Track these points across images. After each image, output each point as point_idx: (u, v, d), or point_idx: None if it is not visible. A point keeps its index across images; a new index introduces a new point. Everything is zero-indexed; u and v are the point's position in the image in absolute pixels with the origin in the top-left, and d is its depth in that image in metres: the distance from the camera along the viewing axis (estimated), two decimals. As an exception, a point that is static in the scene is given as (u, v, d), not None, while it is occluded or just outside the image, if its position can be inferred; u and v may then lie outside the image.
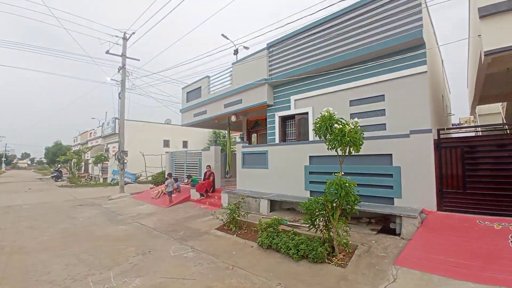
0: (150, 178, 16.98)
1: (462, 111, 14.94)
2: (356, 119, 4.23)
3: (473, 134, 10.99)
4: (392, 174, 5.30)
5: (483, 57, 5.04)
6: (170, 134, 24.97)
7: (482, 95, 10.51)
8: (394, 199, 5.30)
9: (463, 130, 9.64)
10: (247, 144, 9.16)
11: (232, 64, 10.40)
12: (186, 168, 12.33)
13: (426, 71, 5.72)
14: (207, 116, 11.65)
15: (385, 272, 3.56)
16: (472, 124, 13.00)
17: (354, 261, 3.95)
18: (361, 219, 5.70)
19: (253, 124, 12.30)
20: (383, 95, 6.25)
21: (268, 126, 8.97)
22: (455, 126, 10.67)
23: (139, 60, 14.09)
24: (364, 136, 4.27)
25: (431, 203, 4.92)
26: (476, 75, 7.06)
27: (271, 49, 8.82)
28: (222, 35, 14.26)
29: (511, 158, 4.37)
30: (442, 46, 10.96)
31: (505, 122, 12.01)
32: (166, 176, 11.40)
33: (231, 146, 13.28)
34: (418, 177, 5.01)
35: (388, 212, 4.92)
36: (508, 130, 7.30)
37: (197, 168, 11.56)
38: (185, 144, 25.95)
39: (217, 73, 11.24)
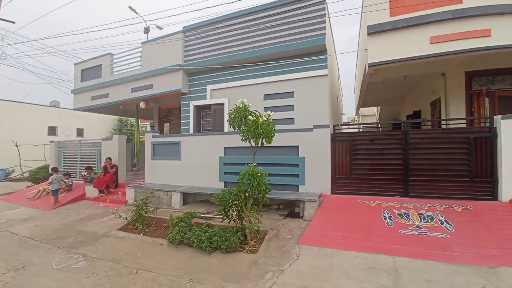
0: (27, 174, 13.44)
1: (350, 112, 18.23)
2: (269, 112, 4.42)
3: (356, 130, 13.52)
4: (298, 164, 5.88)
5: (367, 68, 6.15)
6: (58, 119, 20.29)
7: (364, 100, 12.95)
8: (299, 186, 5.91)
9: (350, 127, 11.69)
10: (159, 134, 8.40)
11: (142, 43, 9.23)
12: (80, 161, 10.32)
13: (326, 75, 6.56)
14: (110, 101, 10.02)
15: (290, 252, 3.91)
16: (356, 123, 16.03)
17: (264, 246, 4.18)
18: (271, 206, 6.11)
19: (166, 113, 11.40)
20: (293, 92, 6.83)
21: (182, 115, 8.46)
22: (345, 123, 12.87)
23: (14, 23, 10.68)
24: (275, 128, 4.51)
25: (327, 188, 5.73)
26: (361, 83, 8.61)
27: (187, 34, 8.26)
28: (130, 7, 12.47)
29: (380, 150, 5.52)
30: (338, 56, 12.91)
31: (378, 121, 15.27)
32: (50, 172, 9.23)
33: (140, 136, 11.94)
34: (318, 166, 5.73)
35: (293, 198, 5.45)
36: (380, 128, 9.24)
37: (95, 161, 9.84)
38: (80, 132, 21.69)
39: (122, 51, 9.76)
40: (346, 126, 10.96)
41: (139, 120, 12.33)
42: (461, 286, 2.89)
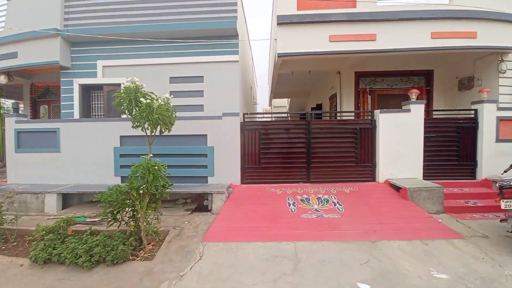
0: None
1: (265, 103, 19.06)
2: (167, 95, 3.82)
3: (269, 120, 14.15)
4: (207, 154, 5.50)
5: (276, 58, 6.22)
6: None
7: (276, 91, 13.59)
8: (208, 177, 5.55)
9: (263, 116, 12.06)
10: (27, 119, 6.42)
11: (-2, -6, 6.74)
12: None
13: (238, 61, 6.32)
14: None
15: (193, 252, 3.53)
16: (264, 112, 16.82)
17: (164, 249, 3.65)
18: (177, 201, 5.56)
19: (43, 92, 8.93)
20: (202, 76, 6.31)
21: (62, 95, 6.69)
22: (255, 113, 13.22)
23: None
24: (180, 116, 3.99)
25: (237, 178, 5.59)
26: (272, 73, 8.83)
27: (68, -10, 6.47)
28: None
29: (286, 139, 5.74)
30: (253, 48, 13.06)
31: (287, 112, 16.41)
32: None
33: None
34: (228, 156, 5.50)
35: (201, 191, 5.06)
36: (290, 118, 9.81)
37: None
38: None
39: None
40: (257, 115, 11.20)
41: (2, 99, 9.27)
42: (349, 262, 3.17)
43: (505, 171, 3.84)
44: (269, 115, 13.09)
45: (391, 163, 5.48)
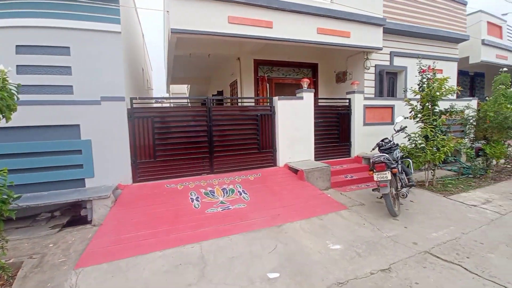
0: None
1: (163, 90, 17.22)
2: (1, 66, 2.54)
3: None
4: (81, 150, 4.24)
5: (170, 34, 5.39)
6: None
7: (173, 76, 12.37)
8: (86, 179, 4.33)
9: (159, 102, 10.77)
10: None
11: None
12: None
13: (119, 32, 5.10)
14: None
15: (61, 286, 2.58)
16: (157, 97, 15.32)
17: (10, 292, 2.51)
18: (38, 216, 4.10)
19: None
20: (69, 47, 4.77)
21: None
22: (146, 97, 11.72)
23: None
24: (33, 99, 2.72)
25: (127, 176, 4.63)
26: (167, 54, 7.81)
27: None
28: None
29: (185, 127, 5.15)
30: (146, 29, 11.28)
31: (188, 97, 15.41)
32: None
33: None
34: (112, 150, 4.43)
35: (74, 199, 3.86)
36: (190, 104, 9.07)
37: None
38: None
39: None
40: (149, 101, 9.93)
41: None
42: (258, 252, 3.05)
43: (372, 150, 4.65)
44: (167, 102, 11.84)
45: (289, 147, 5.84)
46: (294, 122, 5.83)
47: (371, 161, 3.88)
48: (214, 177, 5.19)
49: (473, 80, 12.60)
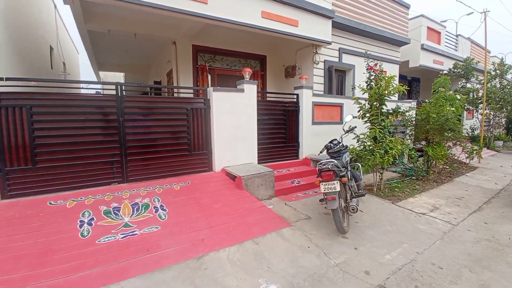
0: None
1: (91, 77, 14.64)
2: None
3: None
4: None
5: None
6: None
7: (102, 62, 10.41)
8: None
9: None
10: None
11: None
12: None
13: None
14: None
15: None
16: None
17: None
18: None
19: None
20: None
21: None
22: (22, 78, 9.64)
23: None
24: None
25: (-21, 192, 3.12)
26: (78, 28, 6.15)
27: None
28: None
29: (83, 122, 3.80)
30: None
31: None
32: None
33: None
34: None
35: None
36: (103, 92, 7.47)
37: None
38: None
39: None
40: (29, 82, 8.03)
41: None
42: (156, 309, 2.04)
43: (320, 152, 3.99)
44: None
45: (228, 149, 4.90)
46: (234, 118, 4.90)
47: (317, 167, 3.16)
48: (127, 187, 3.96)
49: (410, 84, 13.42)
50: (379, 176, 5.12)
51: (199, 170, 4.74)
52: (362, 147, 4.86)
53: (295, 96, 5.99)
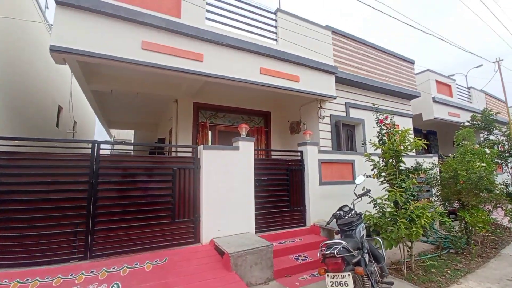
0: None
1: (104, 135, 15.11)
2: None
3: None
4: None
5: (52, 54, 3.93)
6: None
7: (111, 119, 10.70)
8: None
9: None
10: None
11: None
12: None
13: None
14: None
15: None
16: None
17: None
18: None
19: None
20: None
21: None
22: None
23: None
24: None
25: None
26: (82, 89, 6.28)
27: None
28: None
29: (53, 185, 3.29)
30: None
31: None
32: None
33: None
34: None
35: None
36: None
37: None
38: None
39: None
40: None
41: None
42: None
43: (327, 223, 3.19)
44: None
45: (219, 215, 4.16)
46: (227, 180, 4.29)
47: (320, 251, 2.34)
48: (87, 266, 3.19)
49: (426, 138, 12.65)
50: (408, 251, 4.07)
51: (183, 242, 3.93)
52: (381, 213, 3.98)
53: (298, 154, 5.42)
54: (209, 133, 6.90)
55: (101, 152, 3.61)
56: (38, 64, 6.34)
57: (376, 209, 4.04)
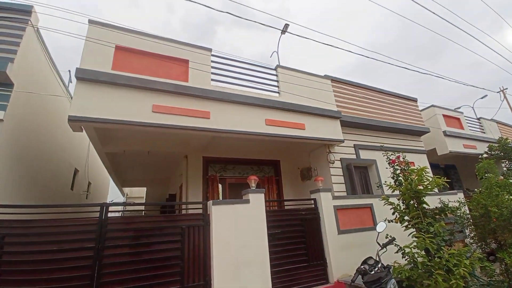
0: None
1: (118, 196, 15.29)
2: None
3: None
4: None
5: (70, 123, 4.23)
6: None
7: (123, 179, 10.91)
8: None
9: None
10: None
11: None
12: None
13: (1, 119, 3.91)
14: None
15: None
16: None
17: None
18: None
19: None
20: None
21: None
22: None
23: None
24: None
25: None
26: (97, 152, 6.58)
27: None
28: None
29: (58, 254, 3.17)
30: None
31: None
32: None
33: None
34: None
35: None
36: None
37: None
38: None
39: None
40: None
41: None
42: None
43: (352, 281, 2.84)
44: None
45: (232, 276, 3.81)
46: (239, 235, 4.06)
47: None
48: None
49: (446, 173, 12.09)
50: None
51: (193, 311, 3.55)
52: (412, 264, 3.54)
53: (312, 202, 5.19)
54: (220, 186, 6.83)
55: (114, 214, 3.58)
56: (56, 131, 6.79)
57: (405, 260, 3.63)
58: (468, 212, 5.48)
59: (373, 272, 2.78)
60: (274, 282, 4.11)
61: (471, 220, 5.29)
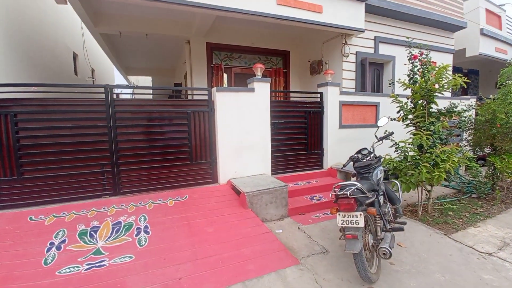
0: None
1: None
2: None
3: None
4: None
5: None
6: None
7: (126, 66, 10.58)
8: None
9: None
10: None
11: None
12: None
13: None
14: None
15: None
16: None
17: None
18: None
19: None
20: None
21: None
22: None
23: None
24: None
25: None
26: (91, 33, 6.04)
27: None
28: None
29: (72, 129, 3.42)
30: None
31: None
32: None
33: None
34: None
35: None
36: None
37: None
38: None
39: None
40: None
41: None
42: None
43: (343, 166, 3.11)
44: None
45: (235, 157, 4.23)
46: (243, 122, 4.22)
47: (333, 191, 2.31)
48: (117, 201, 3.52)
49: (466, 77, 11.39)
50: (426, 194, 4.00)
51: (202, 182, 4.15)
52: (402, 157, 3.81)
53: (318, 95, 5.10)
54: (225, 75, 6.61)
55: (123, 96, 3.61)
56: (45, 9, 6.05)
57: (397, 154, 3.87)
58: (473, 116, 5.44)
59: (364, 160, 3.00)
60: (273, 164, 4.59)
61: (473, 124, 5.33)
